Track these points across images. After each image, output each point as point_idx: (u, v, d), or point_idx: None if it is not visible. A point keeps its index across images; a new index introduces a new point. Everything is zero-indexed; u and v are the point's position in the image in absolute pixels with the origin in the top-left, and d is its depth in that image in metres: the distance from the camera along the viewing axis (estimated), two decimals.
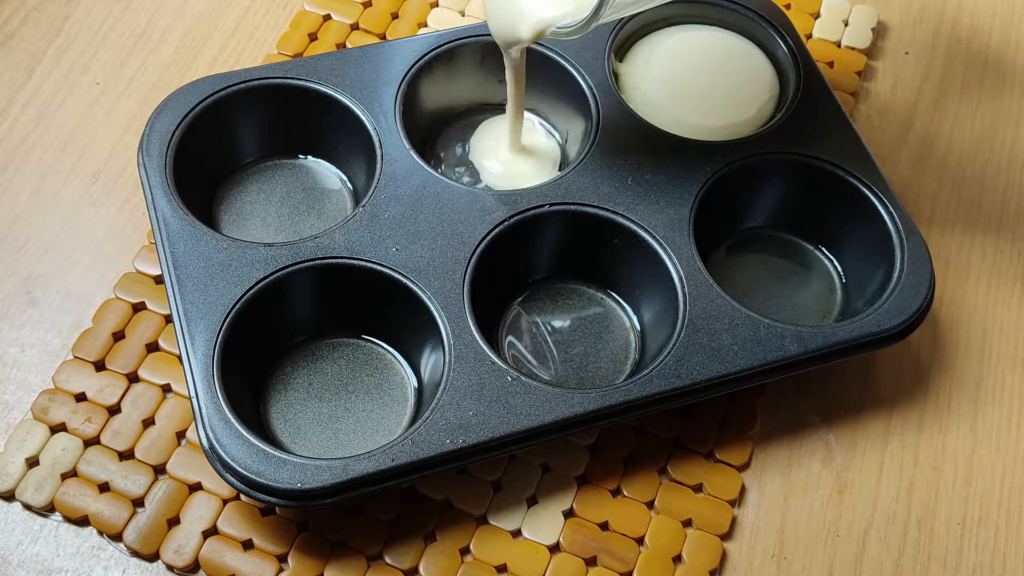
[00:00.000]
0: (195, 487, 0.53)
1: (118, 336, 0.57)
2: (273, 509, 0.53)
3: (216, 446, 0.49)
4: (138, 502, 0.53)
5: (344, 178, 0.61)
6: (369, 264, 0.54)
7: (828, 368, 0.58)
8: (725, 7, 0.65)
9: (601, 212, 0.57)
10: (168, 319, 0.57)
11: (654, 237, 0.56)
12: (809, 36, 0.71)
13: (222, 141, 0.60)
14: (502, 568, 0.52)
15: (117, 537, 0.52)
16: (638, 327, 0.58)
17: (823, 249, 0.61)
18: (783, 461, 0.56)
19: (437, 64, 0.62)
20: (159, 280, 0.58)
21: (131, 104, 0.66)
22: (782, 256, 0.61)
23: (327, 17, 0.69)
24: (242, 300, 0.53)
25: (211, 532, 0.52)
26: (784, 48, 0.64)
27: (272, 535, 0.52)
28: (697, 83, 0.63)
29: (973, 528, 0.55)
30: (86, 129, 0.65)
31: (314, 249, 0.54)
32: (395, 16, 0.70)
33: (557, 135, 0.62)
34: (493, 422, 0.50)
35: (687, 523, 0.54)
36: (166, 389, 0.56)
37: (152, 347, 0.57)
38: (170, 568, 0.52)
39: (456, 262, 0.54)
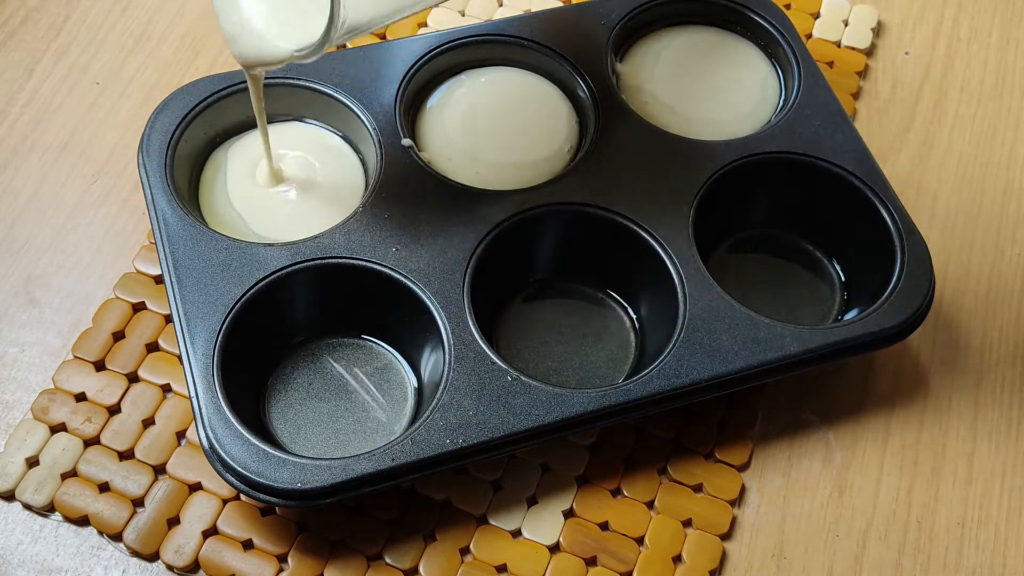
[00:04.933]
0: (195, 487, 0.53)
1: (118, 336, 0.57)
2: (273, 509, 0.53)
3: (216, 446, 0.49)
4: (138, 502, 0.53)
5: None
6: (369, 264, 0.54)
7: (828, 368, 0.58)
8: (725, 7, 0.65)
9: (601, 212, 0.57)
10: (168, 319, 0.57)
11: (654, 237, 0.56)
12: (809, 36, 0.71)
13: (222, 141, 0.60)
14: (502, 568, 0.52)
15: (117, 537, 0.52)
16: (638, 327, 0.58)
17: (823, 249, 0.61)
18: (783, 461, 0.56)
19: (437, 64, 0.62)
20: (159, 280, 0.58)
21: (131, 104, 0.66)
22: (782, 256, 0.61)
23: None
24: (242, 300, 0.53)
25: (211, 532, 0.52)
26: (784, 48, 0.64)
27: (272, 535, 0.52)
28: (700, 84, 0.63)
29: (973, 528, 0.55)
30: (86, 129, 0.65)
31: (314, 249, 0.54)
32: None
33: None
34: (493, 422, 0.50)
35: (687, 523, 0.54)
36: (166, 389, 0.56)
37: (152, 347, 0.57)
38: (170, 568, 0.52)
39: (456, 262, 0.54)
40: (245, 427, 0.49)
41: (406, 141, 0.58)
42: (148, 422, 0.55)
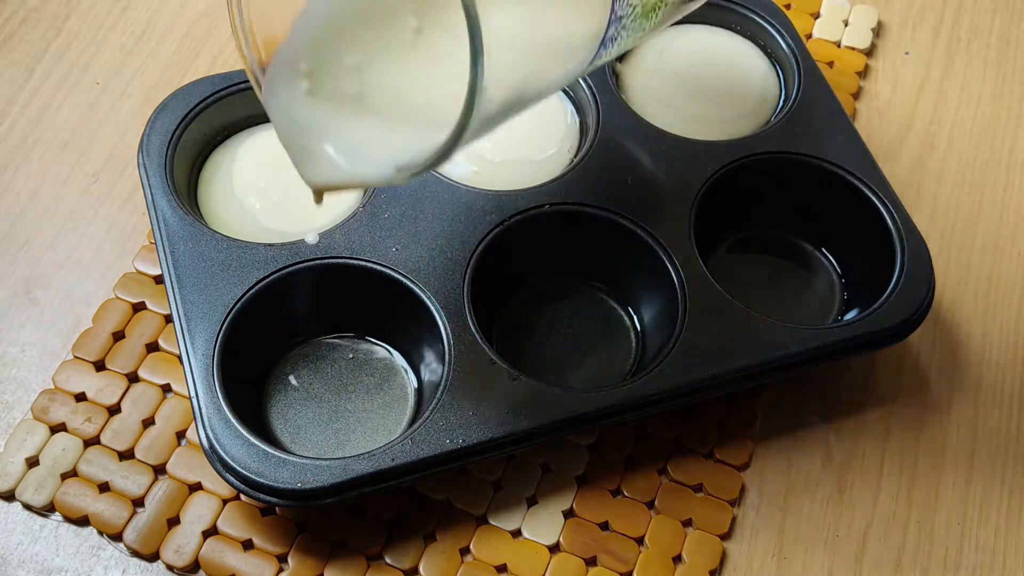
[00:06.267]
0: (195, 487, 0.53)
1: (118, 336, 0.57)
2: (273, 509, 0.53)
3: (216, 446, 0.49)
4: (138, 502, 0.53)
5: None
6: (369, 264, 0.54)
7: (828, 368, 0.58)
8: (725, 7, 0.65)
9: (601, 212, 0.57)
10: (168, 319, 0.57)
11: (654, 237, 0.56)
12: (809, 36, 0.71)
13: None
14: (502, 568, 0.52)
15: (117, 537, 0.52)
16: (638, 327, 0.58)
17: (823, 249, 0.61)
18: (783, 461, 0.56)
19: None
20: (159, 280, 0.58)
21: (131, 104, 0.66)
22: (782, 256, 0.61)
23: None
24: (242, 300, 0.53)
25: (211, 532, 0.52)
26: (784, 48, 0.64)
27: (272, 535, 0.52)
28: (700, 84, 0.63)
29: (973, 528, 0.55)
30: (86, 129, 0.65)
31: (314, 249, 0.54)
32: None
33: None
34: (493, 422, 0.50)
35: (687, 523, 0.54)
36: (166, 389, 0.56)
37: (152, 347, 0.57)
38: (170, 568, 0.52)
39: (456, 262, 0.54)
40: (245, 427, 0.49)
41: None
42: (148, 422, 0.55)
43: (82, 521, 0.52)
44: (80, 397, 0.55)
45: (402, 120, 0.44)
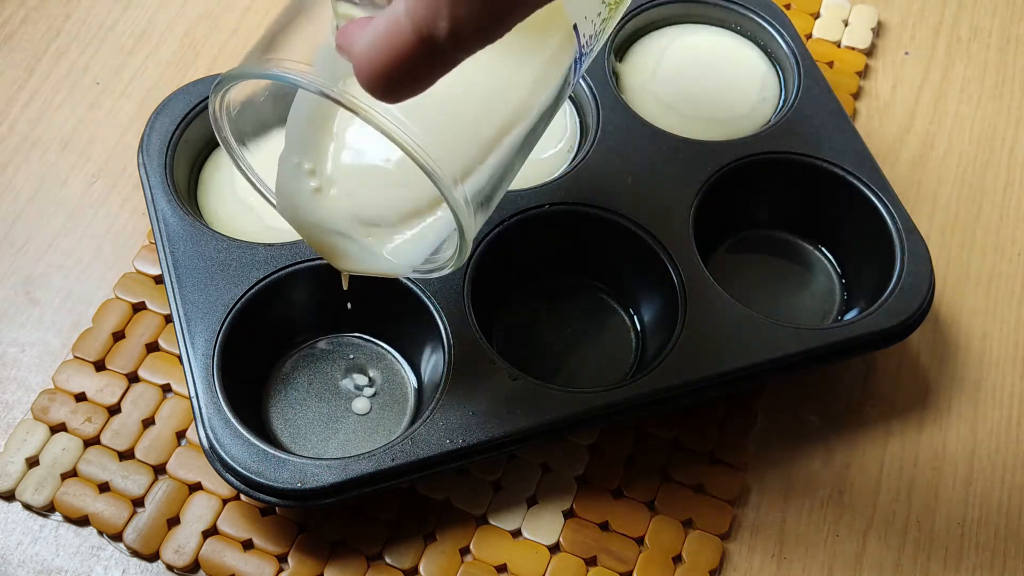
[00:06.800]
0: (195, 487, 0.53)
1: (118, 336, 0.57)
2: (273, 509, 0.53)
3: (216, 446, 0.49)
4: (138, 502, 0.53)
5: None
6: None
7: (828, 368, 0.58)
8: (725, 7, 0.65)
9: (601, 212, 0.57)
10: (168, 319, 0.57)
11: (654, 237, 0.56)
12: (809, 36, 0.71)
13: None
14: (502, 568, 0.52)
15: (117, 537, 0.52)
16: (638, 327, 0.58)
17: (823, 249, 0.61)
18: (783, 461, 0.56)
19: None
20: (159, 280, 0.58)
21: (131, 104, 0.66)
22: (782, 256, 0.61)
23: None
24: (242, 300, 0.53)
25: (211, 532, 0.52)
26: (784, 48, 0.64)
27: (272, 535, 0.52)
28: (700, 84, 0.63)
29: (973, 528, 0.55)
30: (86, 129, 0.65)
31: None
32: None
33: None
34: (493, 422, 0.50)
35: (687, 523, 0.54)
36: (166, 389, 0.56)
37: (152, 347, 0.57)
38: (170, 568, 0.52)
39: None
40: (245, 427, 0.49)
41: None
42: (148, 422, 0.55)
43: (82, 521, 0.52)
44: (80, 397, 0.55)
45: (407, 207, 0.46)
